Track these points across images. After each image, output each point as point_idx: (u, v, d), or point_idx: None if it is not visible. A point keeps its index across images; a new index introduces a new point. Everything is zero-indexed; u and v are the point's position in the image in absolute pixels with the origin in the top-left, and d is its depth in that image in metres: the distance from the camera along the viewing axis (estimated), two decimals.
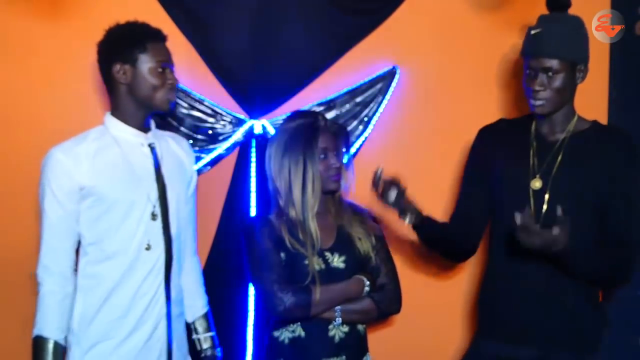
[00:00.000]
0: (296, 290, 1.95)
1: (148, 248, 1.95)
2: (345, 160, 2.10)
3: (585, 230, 1.95)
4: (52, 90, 2.42)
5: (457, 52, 2.60)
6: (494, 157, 2.13)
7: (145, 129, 2.04)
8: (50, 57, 2.41)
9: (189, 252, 2.16)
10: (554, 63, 1.94)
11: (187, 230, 2.14)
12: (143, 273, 1.95)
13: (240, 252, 2.09)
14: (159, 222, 1.98)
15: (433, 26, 2.60)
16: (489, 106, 2.61)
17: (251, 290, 2.44)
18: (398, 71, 2.54)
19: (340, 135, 2.09)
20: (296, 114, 2.13)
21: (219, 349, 2.22)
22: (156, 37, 2.01)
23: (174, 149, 2.13)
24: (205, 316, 2.20)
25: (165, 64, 1.99)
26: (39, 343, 1.90)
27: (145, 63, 1.96)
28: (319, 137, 2.02)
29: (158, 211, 1.98)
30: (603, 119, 2.47)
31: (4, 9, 2.38)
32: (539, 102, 1.98)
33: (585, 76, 2.03)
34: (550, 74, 1.95)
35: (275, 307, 1.95)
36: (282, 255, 2.00)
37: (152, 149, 2.03)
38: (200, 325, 2.18)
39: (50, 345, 1.89)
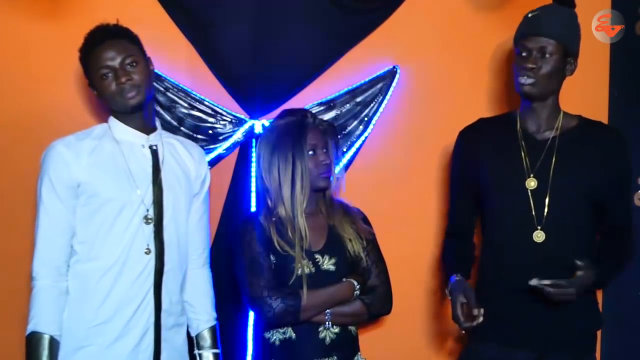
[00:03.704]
0: (285, 296, 1.94)
1: (148, 252, 1.90)
2: (335, 158, 2.09)
3: (588, 226, 2.02)
4: (52, 91, 2.42)
5: (457, 51, 2.60)
6: (479, 158, 2.10)
7: (146, 129, 1.99)
8: (50, 57, 2.41)
9: (197, 264, 2.08)
10: (550, 43, 1.95)
11: (194, 238, 2.07)
12: (131, 278, 1.88)
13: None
14: (151, 227, 1.92)
15: (433, 26, 2.60)
16: (489, 106, 2.61)
17: None
18: (398, 71, 2.54)
19: (329, 133, 2.09)
20: (285, 112, 2.13)
21: None
22: (100, 40, 1.90)
23: (181, 153, 2.06)
24: (210, 331, 2.07)
25: (109, 64, 1.87)
26: (34, 339, 1.83)
27: (93, 70, 1.91)
28: (308, 133, 2.02)
29: (152, 215, 1.92)
30: (603, 119, 2.47)
31: (4, 9, 2.38)
32: (529, 81, 1.96)
33: (573, 71, 2.03)
34: (545, 55, 1.95)
35: (264, 313, 1.94)
36: (272, 258, 2.00)
37: (154, 150, 1.99)
38: (201, 340, 2.06)
39: (46, 341, 1.83)
